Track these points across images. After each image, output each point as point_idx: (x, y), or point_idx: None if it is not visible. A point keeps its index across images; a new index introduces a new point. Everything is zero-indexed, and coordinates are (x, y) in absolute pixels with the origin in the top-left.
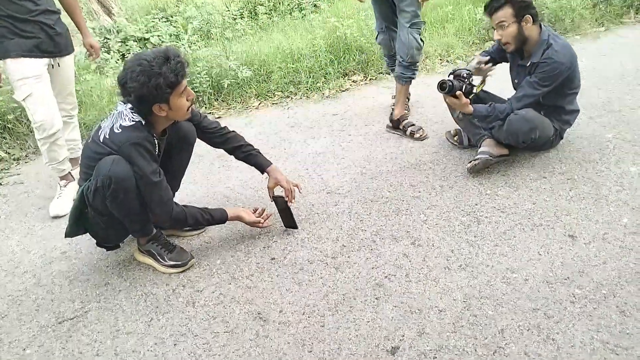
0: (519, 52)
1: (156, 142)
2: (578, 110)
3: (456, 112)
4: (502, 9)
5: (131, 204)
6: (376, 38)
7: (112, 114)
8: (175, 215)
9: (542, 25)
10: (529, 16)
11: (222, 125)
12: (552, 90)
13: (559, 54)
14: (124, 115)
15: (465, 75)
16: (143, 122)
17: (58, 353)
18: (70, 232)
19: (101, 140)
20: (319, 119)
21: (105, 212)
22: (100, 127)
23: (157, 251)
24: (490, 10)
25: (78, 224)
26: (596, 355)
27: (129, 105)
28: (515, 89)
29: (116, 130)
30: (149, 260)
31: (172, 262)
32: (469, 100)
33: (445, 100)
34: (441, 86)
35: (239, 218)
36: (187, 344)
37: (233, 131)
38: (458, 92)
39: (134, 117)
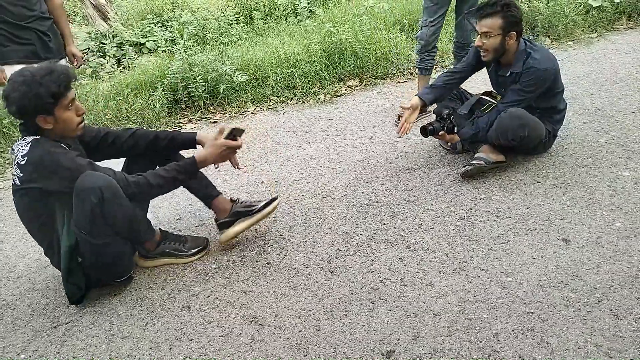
0: (495, 63)
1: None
2: (566, 105)
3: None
4: (492, 17)
5: (127, 205)
6: (417, 33)
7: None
8: (136, 184)
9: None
10: (515, 33)
11: (124, 128)
12: (541, 94)
13: (540, 61)
14: (18, 148)
15: (445, 115)
16: (38, 137)
17: (53, 358)
18: (76, 298)
19: (21, 185)
20: (314, 123)
21: (109, 234)
22: (14, 181)
23: (172, 248)
24: (481, 14)
25: (79, 282)
26: (590, 358)
27: (18, 140)
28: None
29: (22, 163)
30: (166, 260)
31: (194, 250)
32: (453, 136)
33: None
34: (423, 131)
35: (206, 163)
36: (182, 348)
37: (138, 128)
38: (441, 133)
39: (27, 139)
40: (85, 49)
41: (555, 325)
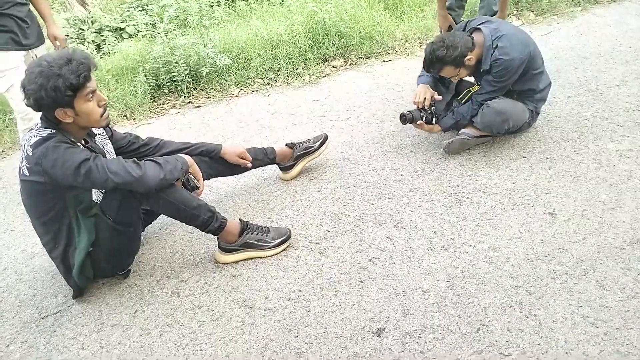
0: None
1: (80, 146)
2: (550, 84)
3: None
4: (442, 70)
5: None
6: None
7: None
8: (147, 172)
9: (482, 28)
10: (467, 58)
11: (145, 137)
12: (518, 78)
13: (507, 51)
14: (31, 137)
15: (425, 105)
16: (53, 131)
17: (42, 348)
18: (82, 286)
19: (28, 175)
20: (299, 105)
21: (133, 223)
22: (19, 168)
23: (256, 239)
24: (432, 73)
25: (88, 274)
26: (577, 329)
27: (36, 126)
28: None
29: (30, 153)
30: (249, 253)
31: (278, 240)
32: (432, 126)
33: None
34: (402, 118)
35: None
36: (173, 334)
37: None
38: (419, 122)
39: (41, 132)
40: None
41: (542, 298)
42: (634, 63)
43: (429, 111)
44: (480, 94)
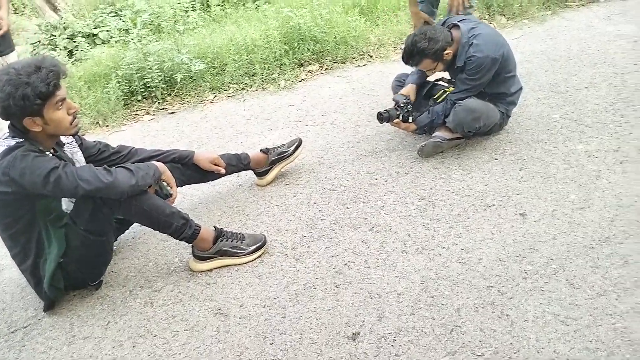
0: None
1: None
2: (521, 88)
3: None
4: (420, 63)
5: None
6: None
7: None
8: (118, 178)
9: (461, 25)
10: (445, 53)
11: (116, 145)
12: (491, 79)
13: (481, 49)
14: None
15: (402, 103)
16: (21, 140)
17: None
18: (53, 298)
19: None
20: (275, 110)
21: (105, 232)
22: None
23: (230, 246)
24: (411, 64)
25: (59, 284)
26: (548, 327)
27: (3, 135)
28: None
29: None
30: (224, 261)
31: (253, 247)
32: (409, 124)
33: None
34: (379, 117)
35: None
36: (146, 345)
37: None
38: (396, 120)
39: (8, 141)
40: (35, 42)
41: (514, 297)
42: (602, 65)
43: (406, 109)
44: (454, 93)
